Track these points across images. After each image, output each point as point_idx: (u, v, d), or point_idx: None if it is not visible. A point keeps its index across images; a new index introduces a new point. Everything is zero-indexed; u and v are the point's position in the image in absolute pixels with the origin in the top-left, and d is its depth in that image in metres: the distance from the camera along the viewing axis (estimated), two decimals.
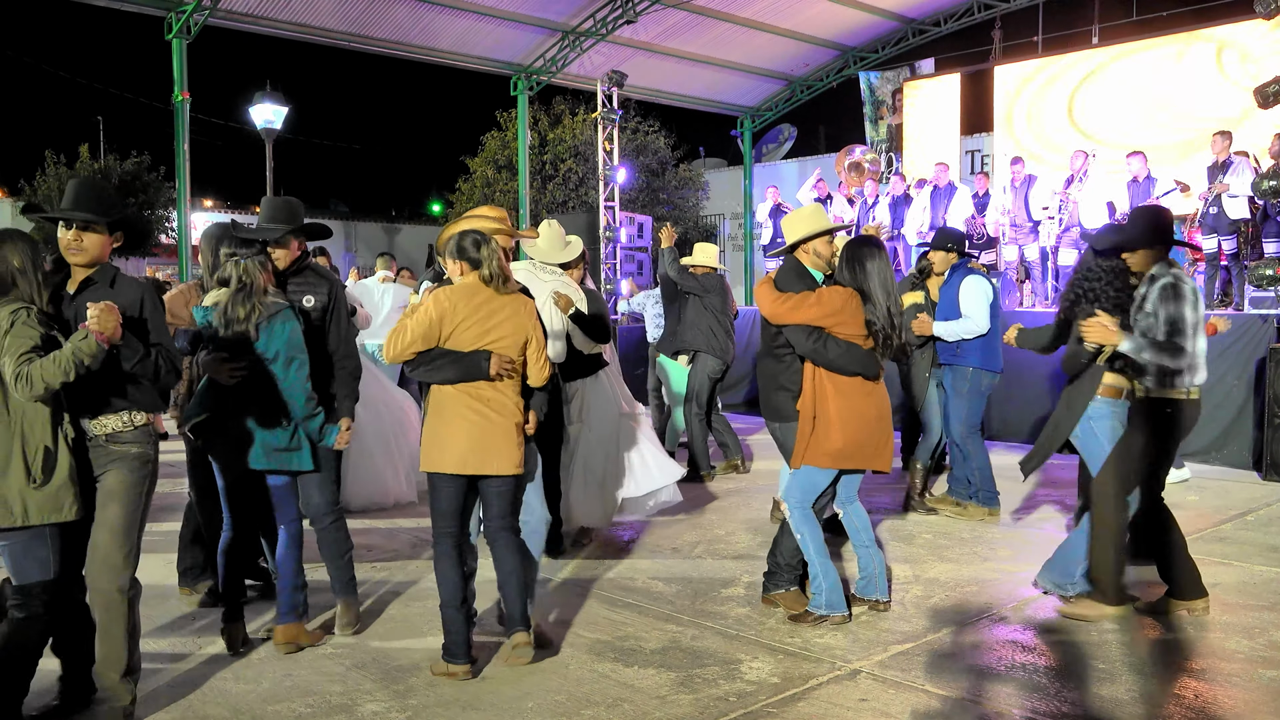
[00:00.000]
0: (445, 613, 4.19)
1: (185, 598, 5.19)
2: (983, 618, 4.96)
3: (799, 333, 4.76)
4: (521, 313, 4.24)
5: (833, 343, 4.72)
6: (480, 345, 4.13)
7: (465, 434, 4.13)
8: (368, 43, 16.49)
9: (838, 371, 4.76)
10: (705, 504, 7.58)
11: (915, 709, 3.89)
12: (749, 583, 5.54)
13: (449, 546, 4.21)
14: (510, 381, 4.22)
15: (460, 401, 4.15)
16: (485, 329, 4.14)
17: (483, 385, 4.15)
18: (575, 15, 16.78)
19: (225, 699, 4.00)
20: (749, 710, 3.87)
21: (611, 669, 4.29)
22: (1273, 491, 7.99)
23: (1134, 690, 4.07)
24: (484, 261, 4.16)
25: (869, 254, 4.86)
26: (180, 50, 14.26)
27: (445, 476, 4.17)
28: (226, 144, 63.63)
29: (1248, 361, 8.86)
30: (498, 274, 4.18)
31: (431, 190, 35.05)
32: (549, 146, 22.88)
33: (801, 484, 4.90)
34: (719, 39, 18.04)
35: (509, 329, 4.18)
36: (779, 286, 4.87)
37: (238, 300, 4.27)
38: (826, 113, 23.98)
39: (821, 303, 4.73)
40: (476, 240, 4.19)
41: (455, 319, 4.11)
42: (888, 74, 19.12)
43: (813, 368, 4.80)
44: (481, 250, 4.17)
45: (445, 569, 4.19)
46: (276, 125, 18.43)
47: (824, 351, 4.72)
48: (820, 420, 4.79)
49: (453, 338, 4.12)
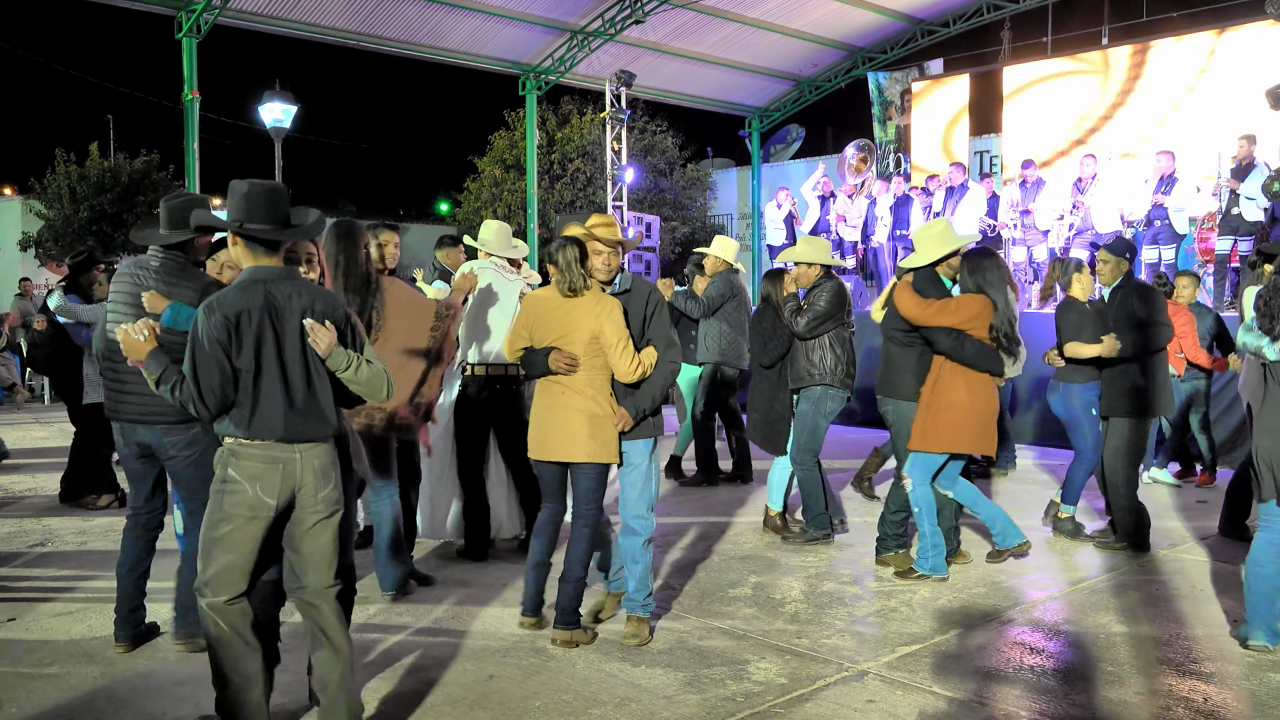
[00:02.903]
0: (525, 574, 4.77)
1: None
2: (990, 619, 4.96)
3: (940, 333, 5.47)
4: (591, 312, 4.50)
5: (969, 342, 5.42)
6: (551, 342, 4.53)
7: (538, 423, 4.64)
8: (377, 42, 16.52)
9: (972, 368, 5.45)
10: (709, 504, 7.58)
11: (922, 710, 3.88)
12: (756, 583, 5.54)
13: (544, 520, 4.74)
14: (587, 376, 4.50)
15: (541, 394, 4.64)
16: (556, 328, 4.53)
17: (560, 379, 4.53)
18: (584, 15, 16.79)
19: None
20: (756, 711, 3.87)
21: (619, 669, 4.30)
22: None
23: (1142, 692, 4.06)
24: (557, 267, 4.53)
25: (991, 265, 5.54)
26: (190, 49, 14.30)
27: (533, 460, 4.70)
28: (236, 143, 63.71)
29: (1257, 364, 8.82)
30: (565, 279, 4.52)
31: (439, 190, 35.01)
32: (557, 146, 22.85)
33: (924, 464, 5.60)
34: (727, 39, 18.03)
35: (574, 327, 4.51)
36: (919, 292, 5.57)
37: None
38: (835, 113, 23.94)
39: (960, 310, 5.44)
40: (556, 247, 4.56)
41: (535, 320, 4.60)
42: (896, 75, 19.08)
43: (941, 362, 5.50)
44: (557, 257, 4.53)
45: (536, 539, 4.74)
46: (285, 124, 18.43)
47: (961, 350, 5.42)
48: (947, 409, 5.47)
49: (535, 337, 4.60)
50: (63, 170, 22.92)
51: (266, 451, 3.37)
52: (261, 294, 3.37)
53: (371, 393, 3.52)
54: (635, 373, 4.51)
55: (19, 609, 5.07)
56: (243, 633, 3.41)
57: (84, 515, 7.29)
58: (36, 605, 5.13)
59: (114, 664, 4.33)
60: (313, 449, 3.43)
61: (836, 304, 6.29)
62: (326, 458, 3.48)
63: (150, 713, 3.86)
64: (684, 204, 23.54)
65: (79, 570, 5.81)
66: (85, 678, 4.19)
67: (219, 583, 3.38)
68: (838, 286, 6.40)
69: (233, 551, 3.38)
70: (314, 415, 3.42)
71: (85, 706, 3.91)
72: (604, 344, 4.48)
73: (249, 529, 3.38)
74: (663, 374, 4.58)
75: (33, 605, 5.13)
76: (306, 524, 3.44)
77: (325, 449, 3.48)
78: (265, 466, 3.36)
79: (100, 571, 5.64)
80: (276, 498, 3.38)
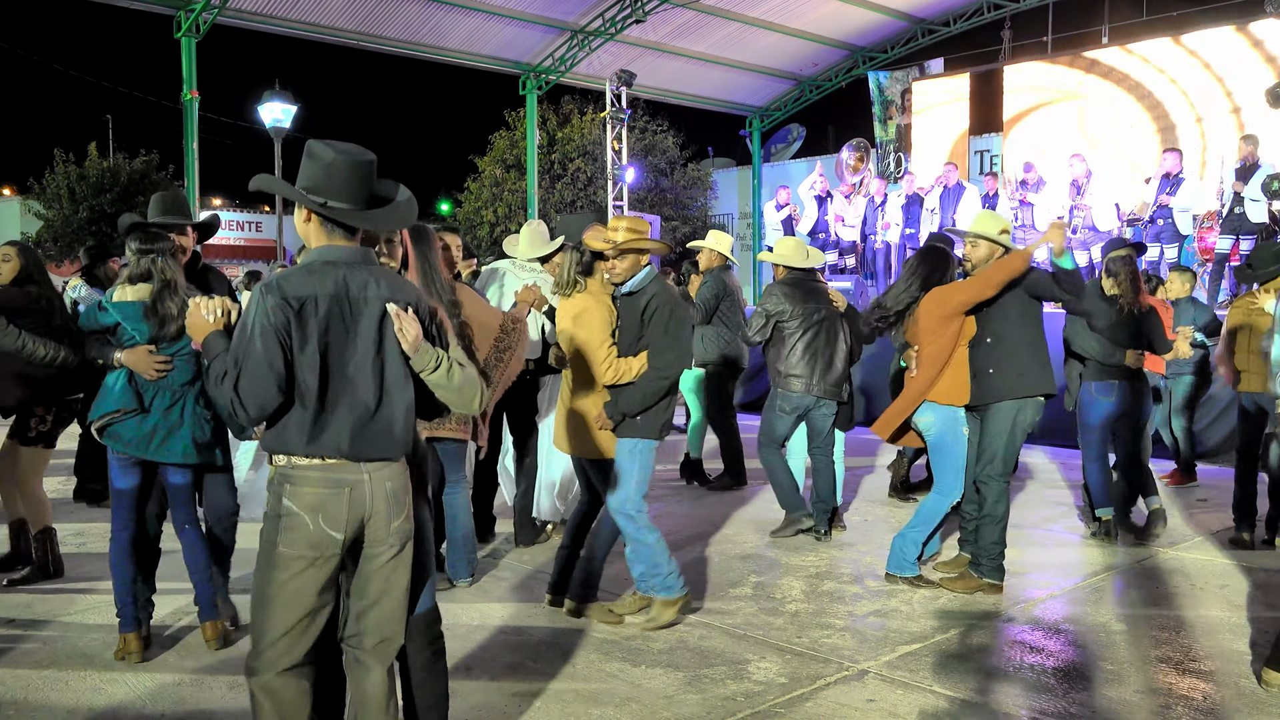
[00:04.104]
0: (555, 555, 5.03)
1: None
2: (990, 618, 4.95)
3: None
4: (569, 315, 4.70)
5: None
6: (557, 339, 4.84)
7: (555, 416, 5.00)
8: (377, 42, 16.52)
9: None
10: (710, 504, 7.57)
11: (923, 709, 3.88)
12: (756, 582, 5.54)
13: (576, 509, 5.03)
14: (574, 374, 4.71)
15: (561, 387, 4.91)
16: (559, 325, 4.84)
17: (564, 375, 4.81)
18: (584, 15, 16.79)
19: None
20: (756, 710, 3.87)
21: (619, 668, 4.29)
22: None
23: (1141, 691, 4.06)
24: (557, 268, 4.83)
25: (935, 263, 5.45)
26: (189, 49, 14.30)
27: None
28: (235, 143, 63.79)
29: None
30: (562, 280, 4.76)
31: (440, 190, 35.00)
32: (558, 146, 22.86)
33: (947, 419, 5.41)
34: (728, 39, 18.03)
35: (560, 326, 4.80)
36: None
37: (164, 296, 4.26)
38: (835, 113, 23.94)
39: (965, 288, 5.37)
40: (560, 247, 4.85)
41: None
42: (897, 74, 19.08)
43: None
44: (556, 256, 4.85)
45: (567, 525, 5.05)
46: (285, 124, 18.45)
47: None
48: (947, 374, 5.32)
49: (551, 332, 5.05)
50: (62, 170, 22.92)
51: (330, 474, 2.76)
52: (334, 280, 2.77)
53: (463, 401, 2.94)
54: (608, 377, 4.59)
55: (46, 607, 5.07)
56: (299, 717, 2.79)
57: (87, 515, 7.23)
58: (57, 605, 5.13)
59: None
60: (383, 469, 2.82)
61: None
62: (399, 480, 2.87)
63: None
64: (685, 204, 23.56)
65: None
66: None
67: (274, 651, 2.74)
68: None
69: (291, 608, 2.74)
70: (387, 429, 2.81)
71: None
72: (579, 346, 4.65)
73: (310, 575, 2.75)
74: (648, 380, 4.58)
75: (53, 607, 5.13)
76: (378, 561, 2.83)
77: (398, 470, 2.87)
78: (329, 492, 2.75)
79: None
80: (343, 530, 2.76)
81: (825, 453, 6.50)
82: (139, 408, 4.25)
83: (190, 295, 4.08)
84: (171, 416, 4.30)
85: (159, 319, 4.24)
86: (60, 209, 22.39)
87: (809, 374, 6.31)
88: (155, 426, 4.27)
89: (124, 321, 4.27)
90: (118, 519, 4.37)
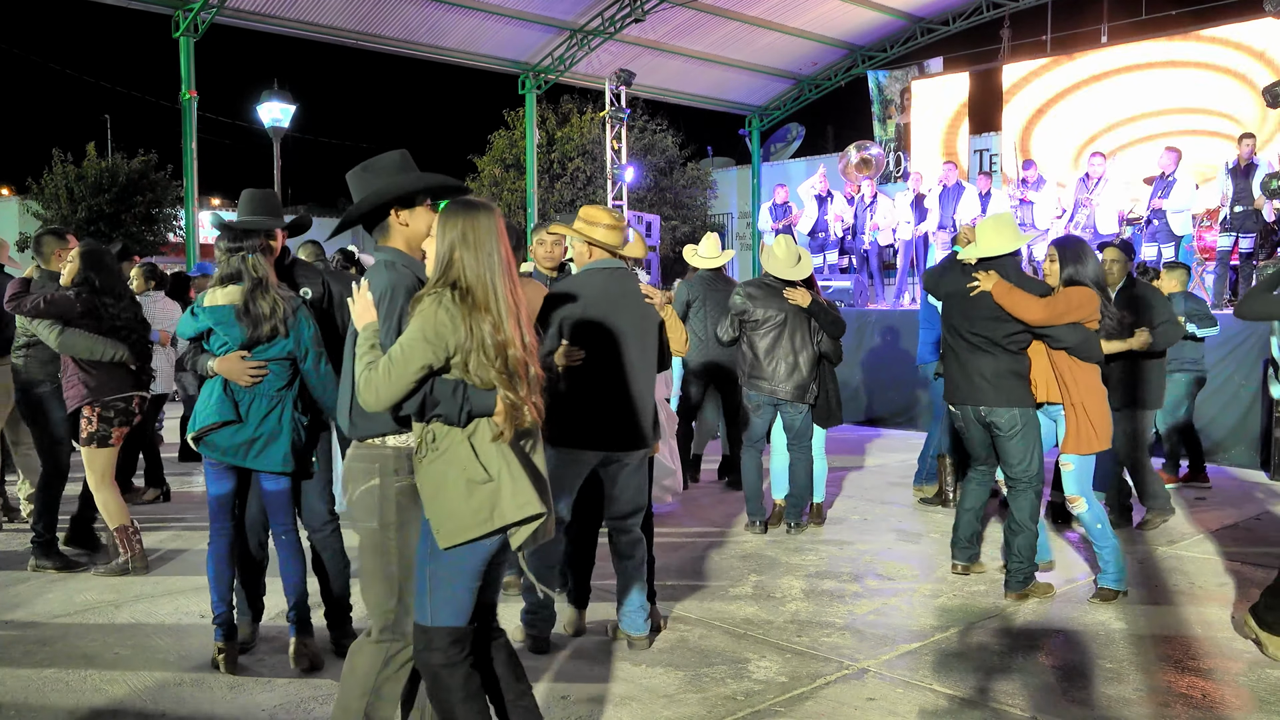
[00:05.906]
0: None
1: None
2: (990, 617, 4.96)
3: (1072, 330, 5.05)
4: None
5: (1092, 335, 5.13)
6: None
7: None
8: (375, 41, 16.53)
9: (1095, 362, 5.16)
10: (710, 503, 7.58)
11: (923, 708, 3.88)
12: (756, 581, 5.54)
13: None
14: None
15: None
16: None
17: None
18: (583, 14, 16.80)
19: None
20: (756, 709, 3.87)
21: (619, 668, 4.30)
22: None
23: (1141, 689, 4.06)
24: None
25: (1088, 253, 5.26)
26: (188, 48, 14.31)
27: None
28: (234, 143, 63.81)
29: (1255, 362, 8.83)
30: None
31: None
32: (557, 145, 22.85)
33: (1088, 472, 5.19)
34: (727, 38, 18.05)
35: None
36: (1029, 291, 5.11)
37: (256, 296, 4.06)
38: (835, 112, 24.06)
39: (1085, 304, 5.05)
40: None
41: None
42: (896, 73, 19.09)
43: (1059, 358, 5.11)
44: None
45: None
46: (284, 124, 18.46)
47: (1090, 345, 5.10)
48: (1094, 410, 5.09)
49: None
50: (60, 170, 22.89)
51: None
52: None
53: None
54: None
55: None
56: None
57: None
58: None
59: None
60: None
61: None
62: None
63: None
64: (684, 203, 23.56)
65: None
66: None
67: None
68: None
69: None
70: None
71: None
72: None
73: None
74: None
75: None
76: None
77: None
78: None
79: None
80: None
81: (801, 448, 6.58)
82: (236, 418, 4.06)
83: (281, 293, 4.10)
84: (269, 423, 4.10)
85: (251, 319, 4.03)
86: (58, 209, 22.36)
87: (770, 376, 6.40)
88: (253, 434, 4.08)
89: (216, 327, 4.08)
90: (213, 526, 4.24)
